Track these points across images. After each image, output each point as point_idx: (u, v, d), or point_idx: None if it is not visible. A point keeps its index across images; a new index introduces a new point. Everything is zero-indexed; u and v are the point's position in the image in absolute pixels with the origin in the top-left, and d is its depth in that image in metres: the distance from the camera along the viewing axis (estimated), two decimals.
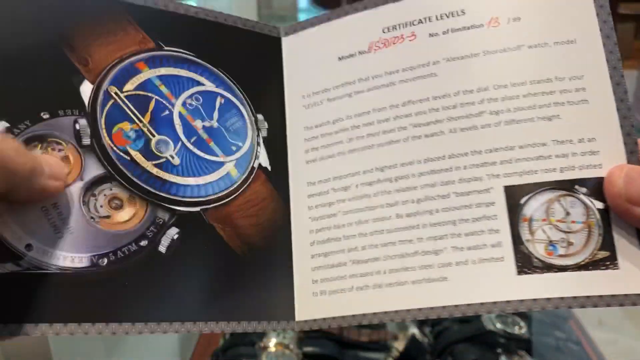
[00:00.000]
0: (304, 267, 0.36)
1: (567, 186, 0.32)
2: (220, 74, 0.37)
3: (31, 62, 0.32)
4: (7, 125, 0.30)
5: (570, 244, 0.32)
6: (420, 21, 0.36)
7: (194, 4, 0.38)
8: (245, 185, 0.36)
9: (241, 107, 0.38)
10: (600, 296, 0.30)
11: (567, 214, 0.32)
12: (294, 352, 0.72)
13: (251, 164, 0.37)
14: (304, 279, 0.36)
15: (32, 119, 0.31)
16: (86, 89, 0.33)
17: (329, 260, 0.36)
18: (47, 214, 0.30)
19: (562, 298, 0.31)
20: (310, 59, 0.39)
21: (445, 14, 0.36)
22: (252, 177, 0.37)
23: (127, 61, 0.35)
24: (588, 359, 0.77)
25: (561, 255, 0.31)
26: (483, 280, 0.32)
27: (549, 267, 0.31)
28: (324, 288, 0.36)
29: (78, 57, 0.33)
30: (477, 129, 0.34)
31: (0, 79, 0.30)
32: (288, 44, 0.40)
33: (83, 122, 0.32)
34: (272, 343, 0.72)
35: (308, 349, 0.73)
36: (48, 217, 0.30)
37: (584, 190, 0.32)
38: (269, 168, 0.37)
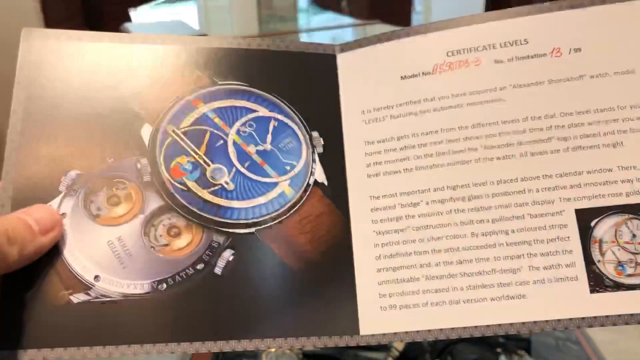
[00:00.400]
0: (369, 281, 0.35)
1: (633, 210, 0.34)
2: (274, 98, 0.38)
3: (98, 116, 0.36)
4: (78, 172, 0.35)
5: (637, 264, 0.34)
6: (484, 47, 0.38)
7: (195, 6, 0.40)
8: (301, 203, 0.36)
9: (295, 127, 0.38)
10: None
11: (634, 236, 0.34)
12: (294, 351, 0.70)
13: (306, 181, 0.37)
14: (369, 292, 0.35)
15: (100, 165, 0.35)
16: (146, 131, 0.36)
17: (399, 275, 0.35)
18: (113, 247, 0.34)
19: (632, 315, 0.33)
20: (369, 75, 0.39)
21: (509, 42, 0.37)
22: (307, 194, 0.37)
23: (183, 100, 0.37)
24: (588, 359, 0.78)
25: (630, 275, 0.34)
26: (559, 298, 0.34)
27: (619, 286, 0.33)
28: (393, 302, 0.35)
29: (139, 104, 0.37)
30: (547, 154, 0.35)
31: (73, 134, 0.35)
32: (344, 60, 0.40)
33: (144, 161, 0.36)
34: None
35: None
36: (113, 250, 0.34)
37: None
38: (326, 183, 0.37)
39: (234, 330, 0.33)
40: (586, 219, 0.34)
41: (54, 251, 0.33)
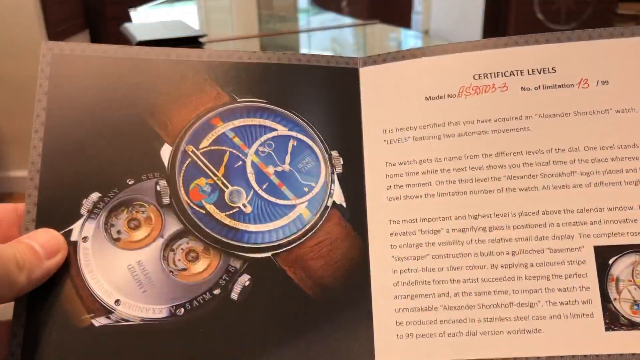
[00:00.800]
0: (386, 308, 0.35)
1: None
2: (293, 116, 0.38)
3: (117, 135, 0.36)
4: (100, 195, 0.35)
5: None
6: (512, 73, 0.37)
7: (195, 5, 0.39)
8: (318, 226, 0.36)
9: (314, 147, 0.37)
10: None
11: None
12: None
13: (324, 203, 0.36)
14: (386, 319, 0.35)
15: (120, 186, 0.36)
16: (166, 151, 0.36)
17: (417, 303, 0.35)
18: (133, 272, 0.34)
19: None
20: (392, 93, 0.38)
21: (537, 70, 0.37)
22: (325, 216, 0.36)
23: (203, 119, 0.37)
24: None
25: None
26: (575, 335, 0.34)
27: (634, 325, 0.34)
28: (410, 331, 0.35)
29: (158, 123, 0.37)
30: (569, 188, 0.35)
31: (93, 155, 0.35)
32: (366, 74, 0.39)
33: (163, 183, 0.36)
34: None
35: None
36: (133, 275, 0.34)
37: None
38: (344, 205, 0.36)
39: (248, 356, 0.34)
40: (604, 256, 0.34)
41: (77, 275, 0.34)
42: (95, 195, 0.35)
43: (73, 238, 0.34)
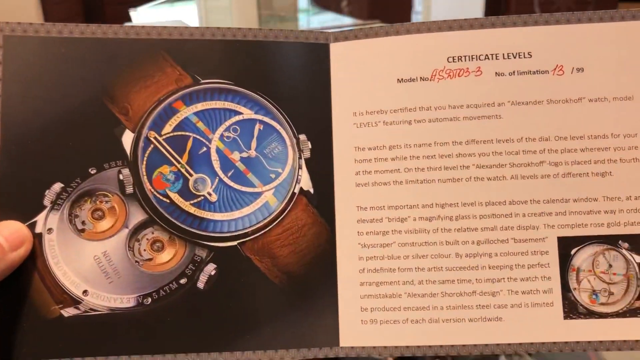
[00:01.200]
0: (352, 294, 0.36)
1: (612, 241, 0.35)
2: (260, 98, 0.36)
3: (78, 122, 0.35)
4: (62, 185, 0.35)
5: (611, 293, 0.35)
6: (487, 57, 0.36)
7: (195, 5, 0.37)
8: (285, 213, 0.36)
9: (282, 131, 0.36)
10: (637, 341, 0.34)
11: (610, 266, 0.35)
12: None
13: (292, 190, 0.36)
14: (350, 306, 0.36)
15: (82, 176, 0.35)
16: (128, 139, 0.35)
17: (381, 290, 0.35)
18: (99, 262, 0.35)
19: (601, 342, 0.34)
20: (364, 73, 0.37)
21: (512, 54, 0.36)
22: (292, 203, 0.36)
23: (164, 103, 0.36)
24: (587, 358, 0.75)
25: (602, 304, 0.35)
26: (534, 323, 0.35)
27: (591, 314, 0.35)
28: (374, 317, 0.35)
29: (119, 108, 0.35)
30: (537, 179, 0.35)
31: (53, 144, 0.35)
32: (337, 50, 0.37)
33: (126, 172, 0.35)
34: None
35: None
36: (100, 265, 0.35)
37: (626, 245, 0.35)
38: (312, 191, 0.36)
39: (215, 343, 0.34)
40: (567, 247, 0.35)
41: (44, 267, 0.34)
42: (57, 186, 0.35)
43: (38, 230, 0.34)
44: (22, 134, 0.35)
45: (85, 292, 0.34)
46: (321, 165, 0.36)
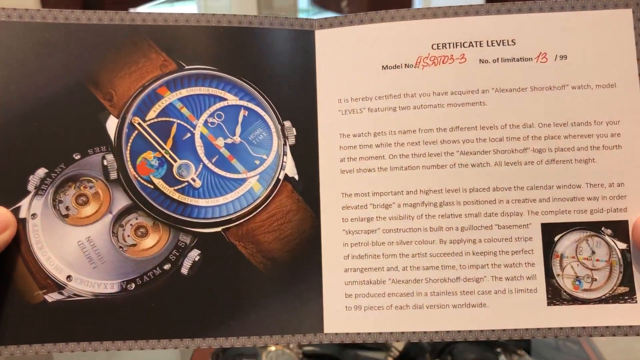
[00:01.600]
0: (336, 281, 0.36)
1: (595, 228, 0.35)
2: (244, 84, 0.36)
3: (62, 107, 0.35)
4: (46, 171, 0.35)
5: (594, 279, 0.35)
6: (471, 44, 0.36)
7: (195, 6, 0.37)
8: (269, 200, 0.36)
9: (266, 117, 0.36)
10: (619, 327, 0.34)
11: (593, 252, 0.35)
12: (294, 351, 0.71)
13: (276, 176, 0.36)
14: (335, 292, 0.36)
15: (66, 161, 0.35)
16: (112, 124, 0.35)
17: (366, 276, 0.36)
18: (83, 248, 0.35)
19: (584, 327, 0.34)
20: (349, 60, 0.37)
21: (496, 41, 0.36)
22: (276, 190, 0.36)
23: (149, 88, 0.36)
24: (587, 358, 0.77)
25: (585, 290, 0.35)
26: (518, 309, 0.35)
27: (574, 300, 0.35)
28: (358, 303, 0.35)
29: (103, 93, 0.35)
30: (521, 165, 0.35)
31: (36, 127, 0.35)
32: (322, 37, 0.37)
33: (110, 157, 0.35)
34: None
35: (308, 348, 0.73)
36: (83, 251, 0.35)
37: (609, 232, 0.35)
38: (297, 177, 0.36)
39: (199, 329, 0.34)
40: (551, 233, 0.35)
41: (27, 252, 0.34)
42: (41, 171, 0.35)
43: (22, 215, 0.34)
44: (5, 119, 0.34)
45: (69, 277, 0.34)
46: (306, 151, 0.36)
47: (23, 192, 0.35)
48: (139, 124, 0.36)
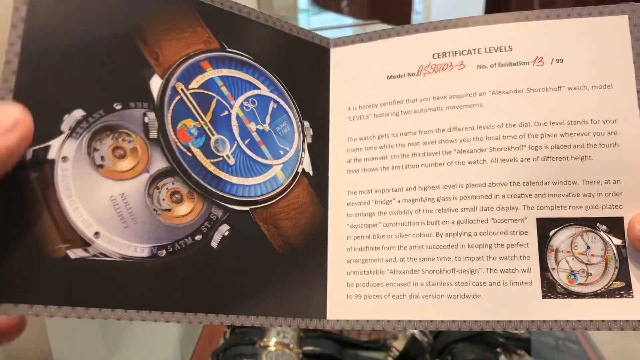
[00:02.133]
0: (339, 270, 0.39)
1: (590, 223, 0.36)
2: (274, 79, 0.39)
3: (107, 53, 0.32)
4: (84, 113, 0.31)
5: (589, 274, 0.35)
6: (469, 52, 0.38)
7: None
8: (290, 189, 0.38)
9: (290, 113, 0.39)
10: (615, 320, 0.34)
11: (588, 247, 0.36)
12: (294, 351, 0.71)
13: (295, 169, 0.39)
14: (338, 281, 0.39)
15: (106, 109, 0.32)
16: (155, 83, 0.34)
17: (366, 267, 0.38)
18: (115, 204, 0.32)
19: (579, 321, 0.35)
20: (358, 73, 0.41)
21: (494, 48, 0.38)
22: (295, 181, 0.39)
23: (193, 59, 0.36)
24: (587, 359, 0.77)
25: (580, 284, 0.35)
26: (512, 301, 0.35)
27: (569, 294, 0.35)
28: (359, 292, 0.38)
29: (150, 51, 0.34)
30: (517, 162, 0.36)
31: (78, 68, 0.31)
32: (336, 55, 0.42)
33: (152, 115, 0.33)
34: (272, 342, 0.72)
35: (308, 348, 0.73)
36: (116, 207, 0.32)
37: (604, 228, 0.36)
38: (311, 173, 0.39)
39: (215, 305, 0.34)
40: (546, 228, 0.36)
41: (53, 198, 0.30)
42: (78, 113, 0.31)
43: (50, 156, 0.30)
44: (47, 47, 0.31)
45: (96, 234, 0.31)
46: (320, 151, 0.40)
47: (55, 132, 0.30)
48: (182, 90, 0.35)
